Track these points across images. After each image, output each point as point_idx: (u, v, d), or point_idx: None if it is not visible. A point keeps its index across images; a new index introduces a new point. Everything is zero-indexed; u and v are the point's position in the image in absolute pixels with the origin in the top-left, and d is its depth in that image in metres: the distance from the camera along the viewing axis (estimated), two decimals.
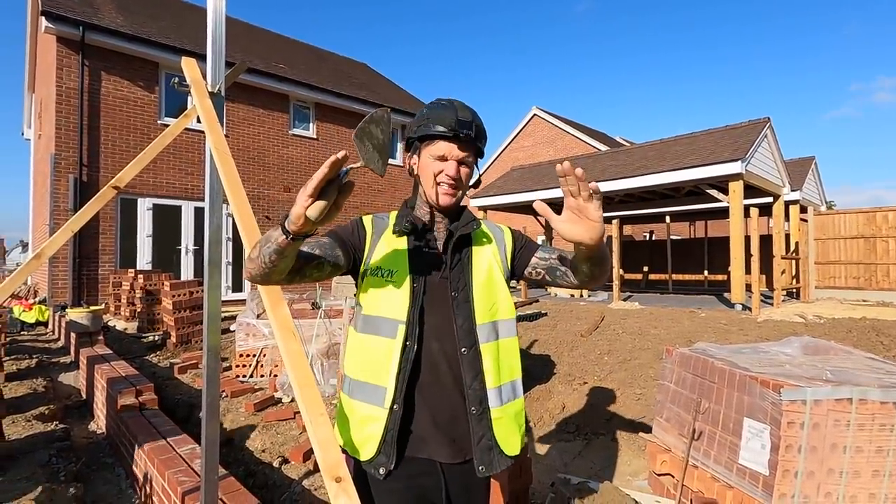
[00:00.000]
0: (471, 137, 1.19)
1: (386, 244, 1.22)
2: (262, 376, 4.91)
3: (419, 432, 1.18)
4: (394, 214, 1.29)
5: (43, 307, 8.30)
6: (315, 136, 12.17)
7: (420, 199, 1.27)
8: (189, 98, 1.66)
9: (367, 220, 1.28)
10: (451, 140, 1.18)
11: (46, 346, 6.54)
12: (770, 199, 10.54)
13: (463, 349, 1.19)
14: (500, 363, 1.23)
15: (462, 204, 1.30)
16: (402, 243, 1.22)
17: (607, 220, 15.13)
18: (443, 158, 1.19)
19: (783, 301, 9.66)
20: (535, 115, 22.34)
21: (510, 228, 1.40)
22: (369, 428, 1.16)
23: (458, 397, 1.19)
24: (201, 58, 1.87)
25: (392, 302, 1.18)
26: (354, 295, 1.31)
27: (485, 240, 1.31)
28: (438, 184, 1.20)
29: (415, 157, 1.26)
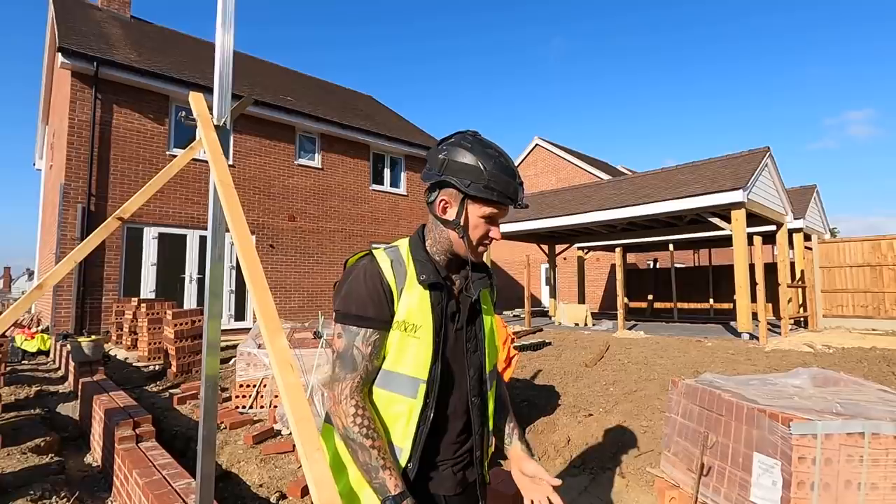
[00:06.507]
0: None
1: (410, 296, 1.14)
2: (261, 407, 4.83)
3: (431, 476, 1.17)
4: (406, 251, 1.20)
5: (45, 336, 8.28)
6: (320, 166, 12.37)
7: (441, 244, 1.19)
8: (197, 130, 1.70)
9: (388, 274, 1.14)
10: (506, 206, 1.15)
11: (47, 375, 6.49)
12: (773, 228, 10.54)
13: (473, 398, 1.21)
14: (494, 405, 1.30)
15: None
16: (426, 296, 1.14)
17: (611, 248, 15.15)
18: (491, 221, 1.15)
19: (791, 330, 9.53)
20: (537, 144, 22.66)
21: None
22: None
23: (468, 444, 1.22)
24: (210, 91, 1.91)
25: (415, 358, 1.12)
26: None
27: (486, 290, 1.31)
28: (483, 244, 1.18)
29: (457, 208, 1.14)
